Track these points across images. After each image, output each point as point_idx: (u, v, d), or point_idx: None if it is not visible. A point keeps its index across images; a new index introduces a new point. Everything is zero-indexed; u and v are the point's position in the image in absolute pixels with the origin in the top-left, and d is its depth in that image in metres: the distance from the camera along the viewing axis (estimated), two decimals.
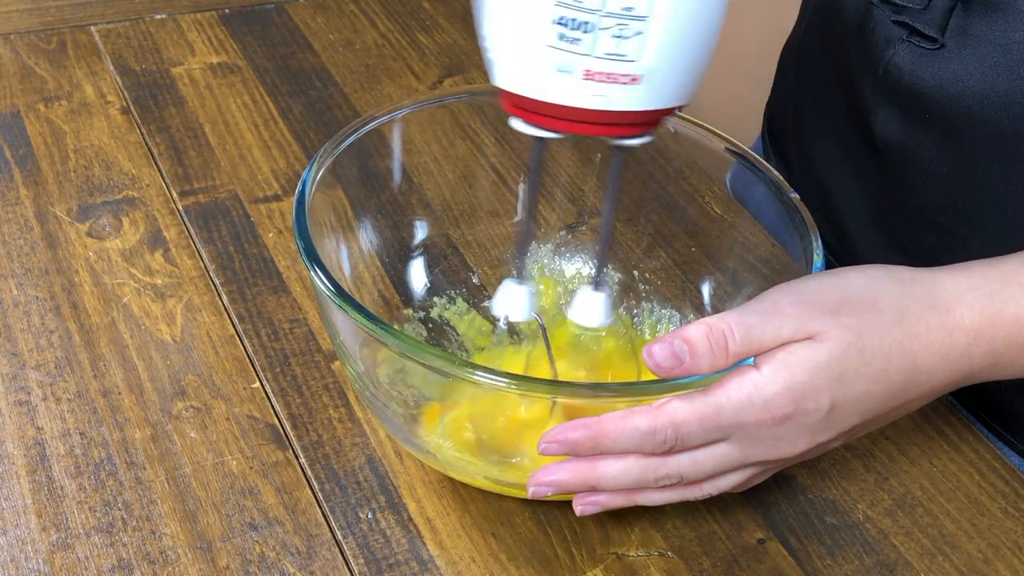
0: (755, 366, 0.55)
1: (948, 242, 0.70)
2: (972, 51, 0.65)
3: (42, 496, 0.63)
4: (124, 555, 0.60)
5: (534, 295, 0.62)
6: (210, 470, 0.65)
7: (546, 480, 0.57)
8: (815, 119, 0.81)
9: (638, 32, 0.49)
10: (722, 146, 0.70)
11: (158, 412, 0.68)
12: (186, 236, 0.81)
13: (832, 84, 0.78)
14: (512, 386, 0.55)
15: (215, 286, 0.77)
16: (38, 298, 0.75)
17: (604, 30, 0.49)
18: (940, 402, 0.72)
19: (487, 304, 0.75)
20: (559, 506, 0.64)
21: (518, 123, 0.53)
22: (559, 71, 0.50)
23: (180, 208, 0.83)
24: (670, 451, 0.55)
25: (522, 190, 0.77)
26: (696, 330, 0.54)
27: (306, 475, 0.66)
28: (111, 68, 0.97)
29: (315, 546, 0.62)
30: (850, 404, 0.56)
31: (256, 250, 0.80)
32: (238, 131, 0.91)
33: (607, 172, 0.58)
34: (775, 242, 0.68)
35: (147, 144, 0.89)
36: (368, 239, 0.72)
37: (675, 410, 0.54)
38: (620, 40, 0.49)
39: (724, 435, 0.55)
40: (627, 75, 0.50)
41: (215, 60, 0.99)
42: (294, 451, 0.67)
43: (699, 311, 0.73)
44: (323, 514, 0.64)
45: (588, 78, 0.50)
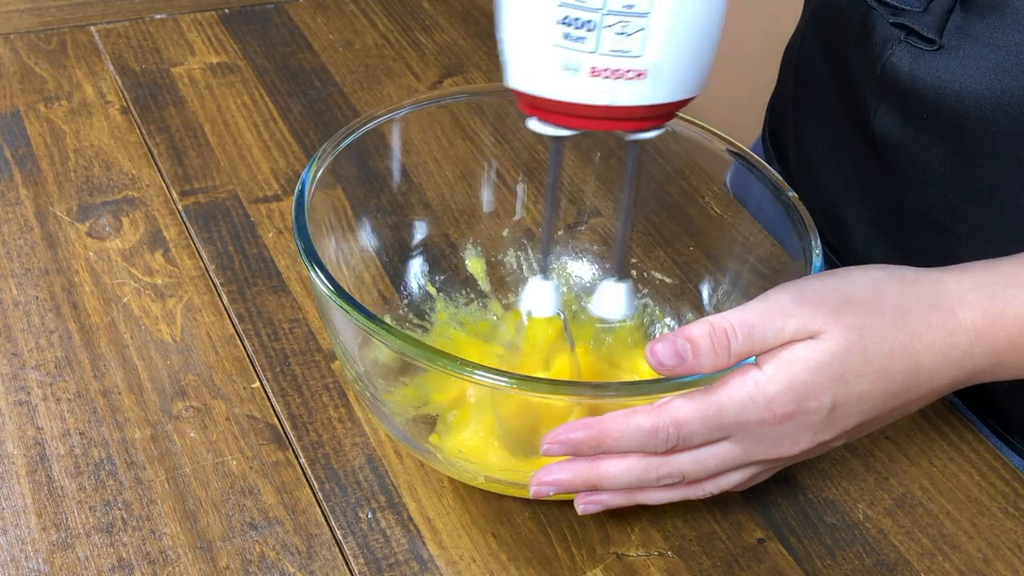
0: (757, 365, 0.55)
1: (947, 241, 0.70)
2: (970, 52, 0.65)
3: (42, 496, 0.63)
4: (124, 555, 0.60)
5: (560, 291, 0.63)
6: (210, 470, 0.65)
7: (548, 480, 0.57)
8: (815, 119, 0.81)
9: (640, 28, 0.50)
10: (722, 146, 0.70)
11: (158, 412, 0.68)
12: (186, 236, 0.81)
13: (832, 84, 0.78)
14: (513, 385, 0.55)
15: (215, 286, 0.77)
16: (38, 298, 0.75)
17: (607, 28, 0.50)
18: (940, 402, 0.72)
19: (487, 301, 0.75)
20: (559, 506, 0.64)
21: (535, 123, 0.54)
22: (566, 69, 0.51)
23: (180, 208, 0.83)
24: (672, 450, 0.55)
25: (521, 190, 0.77)
26: (699, 329, 0.54)
27: (306, 475, 0.66)
28: (111, 68, 0.97)
29: (315, 546, 0.62)
30: (852, 403, 0.56)
31: (256, 250, 0.80)
32: (238, 131, 0.91)
33: (624, 166, 0.58)
34: (775, 241, 0.68)
35: (147, 144, 0.89)
36: (368, 239, 0.72)
37: (677, 409, 0.54)
38: (623, 37, 0.50)
39: (726, 434, 0.56)
40: (632, 70, 0.50)
41: (215, 60, 0.99)
42: (294, 451, 0.67)
43: (698, 311, 0.73)
44: (323, 514, 0.64)
45: (595, 75, 0.50)
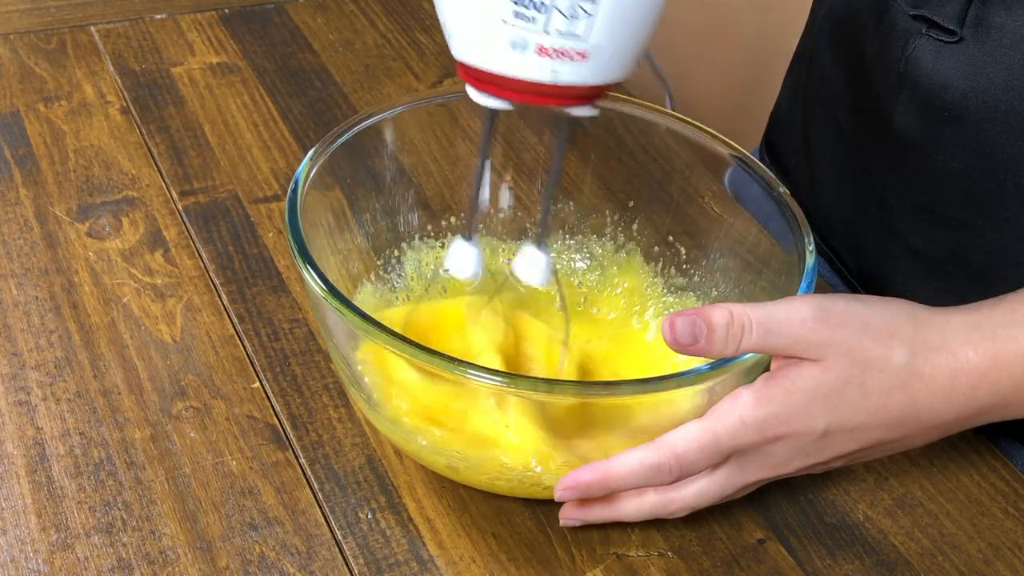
0: (751, 385, 0.57)
1: (963, 236, 0.70)
2: (992, 43, 0.65)
3: (42, 496, 0.63)
4: (124, 555, 0.60)
5: (481, 254, 0.64)
6: (210, 470, 0.65)
7: (573, 516, 0.62)
8: (823, 124, 0.81)
9: (589, 14, 0.52)
10: (721, 147, 0.71)
11: (158, 412, 0.68)
12: (186, 236, 0.81)
13: (842, 86, 0.77)
14: (506, 385, 0.56)
15: (215, 286, 0.77)
16: (38, 298, 0.75)
17: (558, 10, 0.51)
18: None
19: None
20: (559, 506, 0.64)
21: (473, 92, 0.56)
22: (514, 46, 0.52)
23: (180, 208, 0.83)
24: (678, 479, 0.58)
25: (520, 190, 0.77)
26: (719, 315, 0.55)
27: (306, 475, 0.65)
28: (111, 68, 0.97)
29: (315, 546, 0.62)
30: (845, 433, 0.58)
31: (256, 250, 0.80)
32: (238, 131, 0.91)
33: (555, 137, 0.60)
34: (774, 242, 0.68)
35: (147, 144, 0.89)
36: (366, 239, 0.72)
37: (675, 442, 0.57)
38: (572, 20, 0.52)
39: (724, 458, 0.58)
40: (576, 52, 0.52)
41: (215, 60, 0.99)
42: (294, 451, 0.67)
43: None
44: (323, 514, 0.64)
45: (542, 54, 0.52)
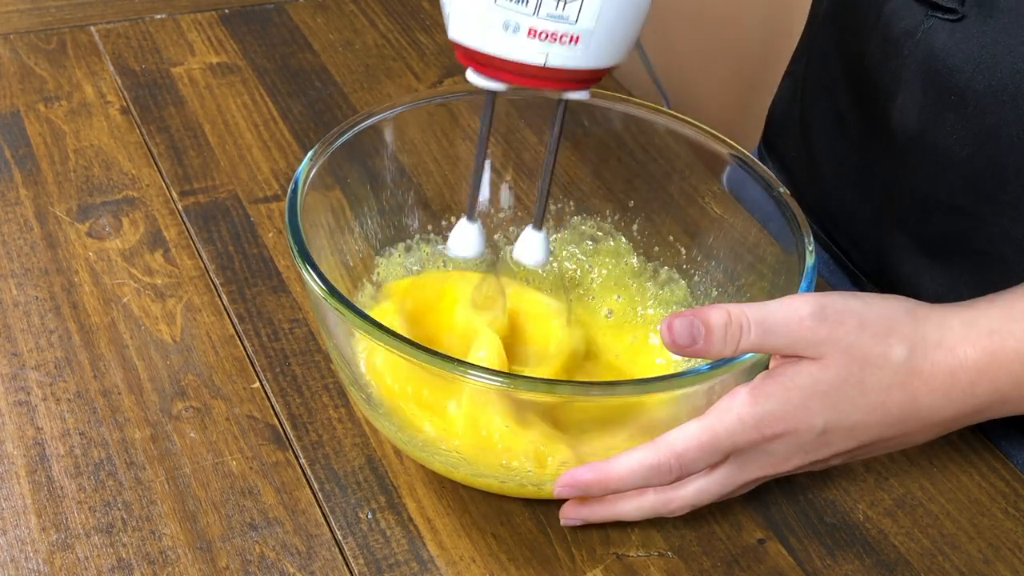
0: (749, 383, 0.57)
1: (969, 223, 0.70)
2: (996, 23, 0.64)
3: (42, 496, 0.63)
4: (124, 555, 0.60)
5: (483, 233, 0.65)
6: (210, 470, 0.65)
7: (572, 515, 0.62)
8: (823, 114, 0.81)
9: None
10: (721, 147, 0.71)
11: (158, 412, 0.68)
12: (186, 236, 0.81)
13: (844, 75, 0.77)
14: (508, 385, 0.56)
15: (215, 286, 0.77)
16: (38, 298, 0.75)
17: None
18: None
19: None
20: (559, 506, 0.64)
21: (471, 74, 0.57)
22: (505, 28, 0.53)
23: (180, 208, 0.83)
24: (677, 479, 0.58)
25: (520, 190, 0.77)
26: (717, 315, 0.55)
27: (306, 475, 0.66)
28: (111, 68, 0.97)
29: (315, 546, 0.62)
30: (843, 430, 0.58)
31: (256, 250, 0.80)
32: (238, 131, 0.91)
33: (551, 121, 0.61)
34: (773, 241, 0.68)
35: (147, 144, 0.89)
36: (366, 239, 0.72)
37: (674, 442, 0.57)
38: (561, 3, 0.52)
39: (724, 456, 0.58)
40: (567, 35, 0.53)
41: (215, 60, 0.99)
42: (294, 451, 0.67)
43: None
44: (323, 514, 0.64)
45: (532, 36, 0.53)
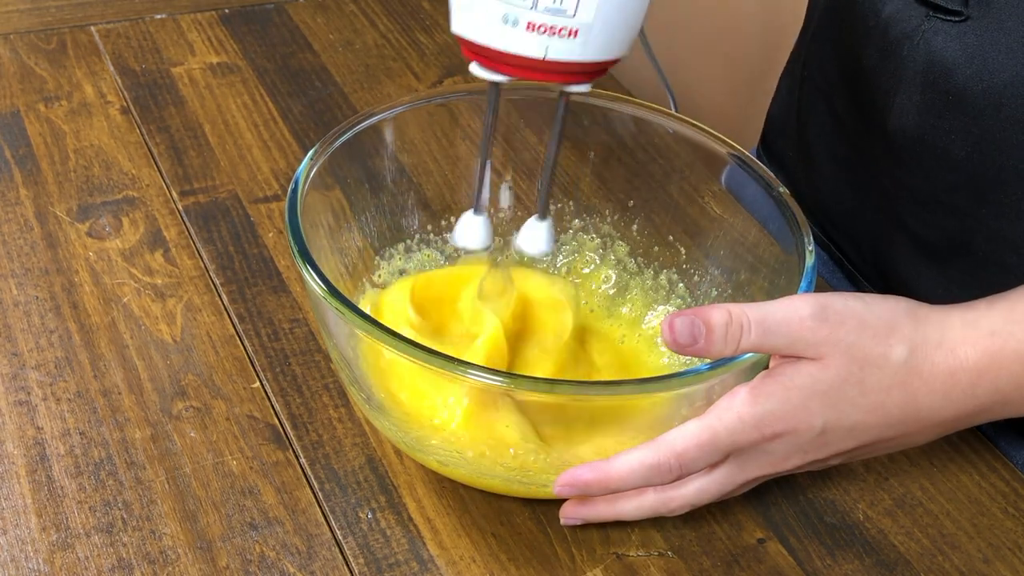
0: (749, 383, 0.57)
1: (964, 224, 0.70)
2: (997, 25, 0.64)
3: (42, 496, 0.63)
4: (124, 555, 0.60)
5: (490, 226, 0.65)
6: (210, 470, 0.65)
7: (572, 514, 0.62)
8: (820, 118, 0.81)
9: None
10: (721, 146, 0.71)
11: (158, 412, 0.68)
12: (186, 236, 0.81)
13: (841, 80, 0.77)
14: (508, 385, 0.56)
15: (215, 286, 0.77)
16: (38, 298, 0.75)
17: None
18: None
19: None
20: (559, 506, 0.64)
21: (475, 67, 0.58)
22: (505, 21, 0.54)
23: (180, 208, 0.83)
24: (677, 478, 0.58)
25: (520, 190, 0.77)
26: (717, 315, 0.55)
27: (306, 475, 0.66)
28: (111, 68, 0.97)
29: (315, 546, 0.62)
30: (843, 430, 0.58)
31: (256, 250, 0.80)
32: (238, 131, 0.91)
33: (554, 113, 0.61)
34: (773, 241, 0.68)
35: (147, 144, 0.89)
36: (366, 240, 0.72)
37: (673, 441, 0.57)
38: None
39: (723, 456, 0.58)
40: (565, 28, 0.54)
41: (215, 60, 0.99)
42: (294, 451, 0.67)
43: None
44: (323, 514, 0.64)
45: (531, 29, 0.54)
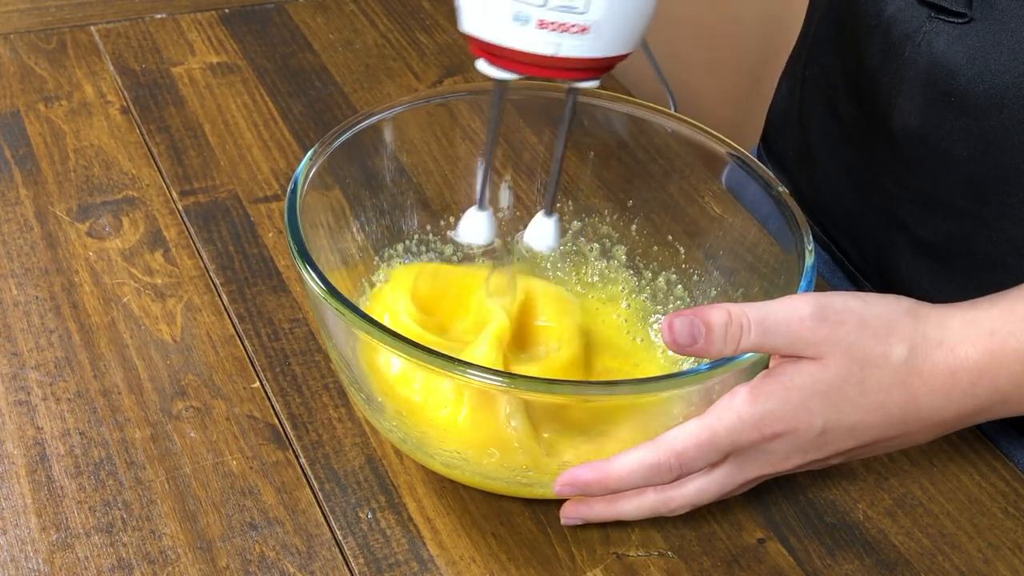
0: (749, 382, 0.57)
1: (966, 225, 0.70)
2: (1000, 26, 0.64)
3: (42, 496, 0.63)
4: (124, 555, 0.60)
5: (494, 221, 0.66)
6: (210, 470, 0.65)
7: (573, 513, 0.63)
8: (822, 115, 0.81)
9: None
10: (720, 146, 0.71)
11: (158, 412, 0.68)
12: (186, 236, 0.81)
13: (842, 80, 0.77)
14: (508, 385, 0.56)
15: (215, 286, 0.77)
16: (38, 298, 0.75)
17: None
18: None
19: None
20: (559, 506, 0.64)
21: (483, 65, 0.58)
22: (516, 20, 0.54)
23: (180, 208, 0.83)
24: (677, 478, 0.58)
25: (520, 190, 0.77)
26: (717, 315, 0.55)
27: (306, 475, 0.66)
28: (111, 68, 0.97)
29: (315, 546, 0.62)
30: (843, 430, 0.58)
31: (256, 250, 0.80)
32: (238, 131, 0.91)
33: (561, 110, 0.62)
34: (773, 241, 0.68)
35: (147, 144, 0.89)
36: (366, 239, 0.72)
37: (673, 440, 0.57)
38: None
39: (723, 455, 0.58)
40: (576, 25, 0.54)
41: (215, 60, 0.99)
42: (294, 451, 0.67)
43: None
44: (323, 514, 0.64)
45: (542, 27, 0.54)
